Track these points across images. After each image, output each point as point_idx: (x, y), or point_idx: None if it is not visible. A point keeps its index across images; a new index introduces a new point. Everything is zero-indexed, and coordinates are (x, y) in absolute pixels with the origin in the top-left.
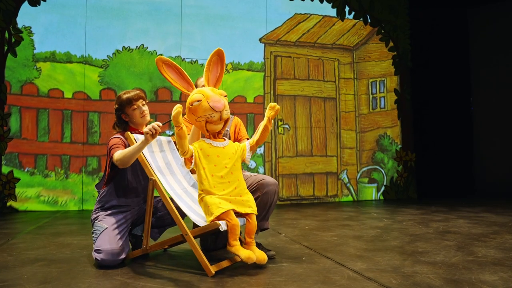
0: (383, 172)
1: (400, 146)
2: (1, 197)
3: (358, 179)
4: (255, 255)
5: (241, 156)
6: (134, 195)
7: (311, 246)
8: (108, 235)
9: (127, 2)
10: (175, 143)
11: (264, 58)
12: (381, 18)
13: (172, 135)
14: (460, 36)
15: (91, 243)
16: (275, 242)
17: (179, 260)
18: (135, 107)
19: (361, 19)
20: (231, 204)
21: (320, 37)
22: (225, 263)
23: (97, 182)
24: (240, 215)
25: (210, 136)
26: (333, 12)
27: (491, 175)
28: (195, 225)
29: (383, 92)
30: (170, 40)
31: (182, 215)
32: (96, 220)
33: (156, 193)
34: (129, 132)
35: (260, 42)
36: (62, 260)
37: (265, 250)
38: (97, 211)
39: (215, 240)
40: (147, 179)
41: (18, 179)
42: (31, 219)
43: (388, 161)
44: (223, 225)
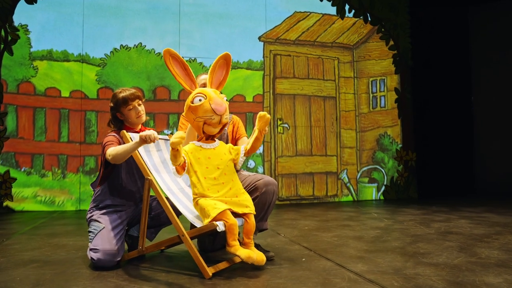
0: (384, 172)
1: (401, 146)
2: None
3: (358, 179)
4: (255, 255)
5: (234, 159)
6: (129, 195)
7: (311, 247)
8: (106, 235)
9: (125, 0)
10: None
11: (264, 57)
12: (382, 17)
13: (170, 134)
14: (461, 35)
15: (87, 244)
16: (274, 243)
17: (176, 262)
18: (131, 108)
19: (361, 18)
20: (227, 205)
21: (320, 36)
22: (223, 265)
23: (93, 181)
24: (238, 216)
25: (202, 138)
26: (333, 11)
27: (492, 175)
28: (193, 226)
29: (384, 91)
30: (169, 39)
31: (178, 214)
32: (92, 219)
33: (152, 193)
34: (125, 131)
35: (260, 41)
36: (57, 262)
37: (264, 251)
38: (92, 211)
39: (213, 241)
40: (143, 179)
41: (15, 179)
42: (28, 220)
43: (389, 161)
44: (221, 226)
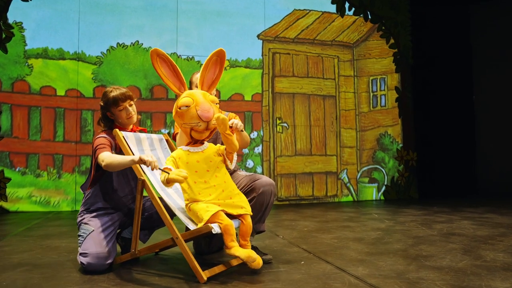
0: (384, 172)
1: (401, 145)
2: None
3: (358, 179)
4: (255, 255)
5: (224, 160)
6: (122, 196)
7: (310, 249)
8: (95, 238)
9: None
10: (167, 142)
11: (262, 55)
12: (382, 15)
13: (165, 134)
14: (462, 33)
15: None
16: (272, 245)
17: (171, 265)
18: (121, 108)
19: (361, 16)
20: (221, 207)
21: (320, 34)
22: (219, 268)
23: (82, 183)
24: (234, 217)
25: (190, 143)
26: (333, 8)
27: (494, 174)
28: (188, 228)
29: (384, 90)
30: (166, 37)
31: (172, 216)
32: (82, 223)
33: (146, 194)
34: (118, 130)
35: (258, 39)
36: (47, 265)
37: (261, 254)
38: (83, 214)
39: (209, 243)
40: (136, 179)
41: (9, 179)
42: (22, 220)
43: (389, 161)
44: (216, 228)
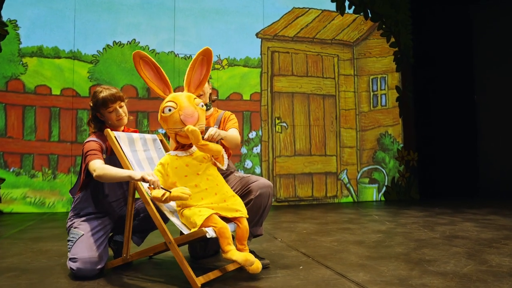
0: (384, 172)
1: (402, 145)
2: None
3: (359, 179)
4: (253, 258)
5: (215, 161)
6: (114, 201)
7: (309, 253)
8: (85, 242)
9: None
10: (161, 142)
11: (261, 54)
12: (382, 13)
13: (159, 133)
14: (464, 31)
15: None
16: (270, 248)
17: (164, 270)
18: (111, 110)
19: (362, 14)
20: (214, 210)
21: (319, 32)
22: (214, 274)
23: (72, 187)
24: (229, 221)
25: (178, 147)
26: (333, 7)
27: (496, 174)
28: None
29: (384, 89)
30: (163, 35)
31: (166, 219)
32: (72, 227)
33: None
34: (109, 130)
35: (257, 37)
36: (36, 270)
37: (259, 259)
38: (72, 218)
39: (205, 247)
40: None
41: (3, 180)
42: (15, 222)
43: (390, 161)
44: (210, 232)
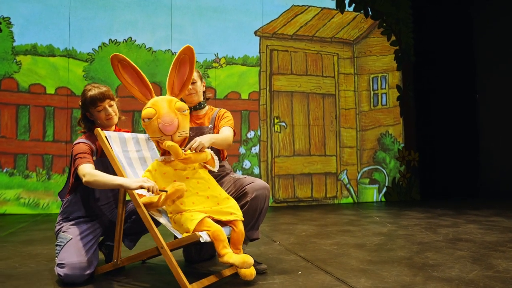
0: (385, 173)
1: (403, 145)
2: None
3: (359, 180)
4: (251, 260)
5: (205, 164)
6: (105, 203)
7: (308, 257)
8: (73, 247)
9: None
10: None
11: (260, 52)
12: (383, 11)
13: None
14: (465, 30)
15: None
16: (268, 252)
17: (158, 275)
18: (100, 109)
19: (362, 12)
20: (207, 214)
21: (319, 30)
22: (208, 280)
23: (60, 190)
24: (224, 224)
25: (165, 152)
26: (332, 4)
27: (497, 175)
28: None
29: (385, 89)
30: (160, 33)
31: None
32: (60, 231)
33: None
34: (99, 129)
35: (255, 35)
36: (22, 275)
37: (255, 264)
38: (61, 222)
39: (200, 251)
40: None
41: None
42: (8, 224)
43: (390, 161)
44: (204, 236)
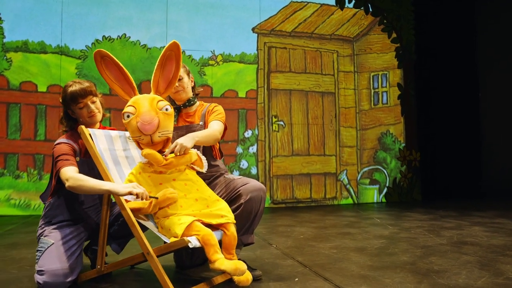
0: (386, 173)
1: (404, 145)
2: None
3: (359, 180)
4: (244, 267)
5: (192, 165)
6: (90, 205)
7: (306, 262)
8: (54, 252)
9: None
10: None
11: (257, 50)
12: (383, 7)
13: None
14: (468, 27)
15: None
16: (264, 256)
17: (146, 283)
18: (82, 106)
19: (362, 8)
20: (196, 217)
21: (318, 27)
22: None
23: (42, 192)
24: (215, 228)
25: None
26: (332, 1)
27: (501, 174)
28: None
29: (386, 87)
30: (155, 29)
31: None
32: (42, 236)
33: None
34: (83, 127)
35: (253, 32)
36: (1, 282)
37: (250, 269)
38: (43, 226)
39: (191, 255)
40: None
41: None
42: None
43: (391, 161)
44: (193, 241)
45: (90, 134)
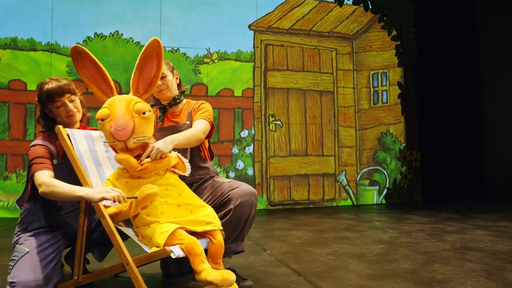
0: (386, 174)
1: (404, 145)
2: None
3: (358, 181)
4: (233, 277)
5: (173, 168)
6: (69, 211)
7: (301, 270)
8: (28, 262)
9: None
10: None
11: (254, 47)
12: (383, 4)
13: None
14: (469, 25)
15: None
16: (257, 263)
17: None
18: (59, 105)
19: (361, 5)
20: (179, 225)
21: (316, 24)
22: None
23: (18, 197)
24: (199, 235)
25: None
26: None
27: (503, 175)
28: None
29: (386, 85)
30: (149, 27)
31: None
32: (17, 244)
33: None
34: (61, 127)
35: (250, 29)
36: None
37: (240, 279)
38: (19, 234)
39: (180, 264)
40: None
41: None
42: None
43: (391, 161)
44: (176, 251)
45: (68, 135)
